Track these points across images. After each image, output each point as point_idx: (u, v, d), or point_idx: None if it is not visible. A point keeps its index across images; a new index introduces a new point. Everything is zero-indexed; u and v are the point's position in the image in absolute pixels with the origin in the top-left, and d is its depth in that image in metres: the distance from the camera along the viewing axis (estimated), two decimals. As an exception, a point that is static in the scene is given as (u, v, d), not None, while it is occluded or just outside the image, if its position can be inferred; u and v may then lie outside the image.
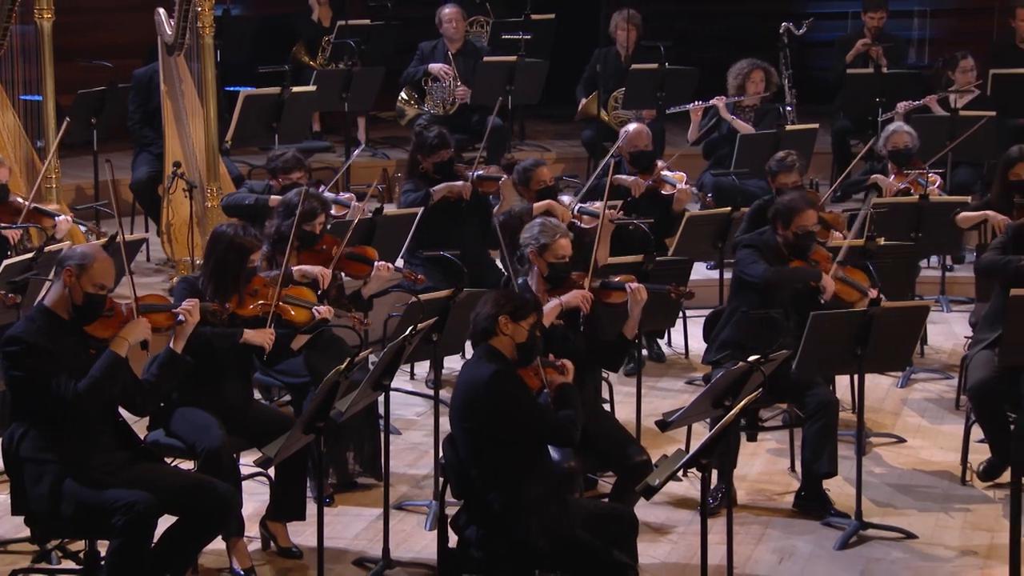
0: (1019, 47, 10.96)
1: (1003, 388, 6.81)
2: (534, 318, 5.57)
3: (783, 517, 6.72)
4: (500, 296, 5.63)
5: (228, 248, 6.18)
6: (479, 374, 5.45)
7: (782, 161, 8.01)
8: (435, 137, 8.37)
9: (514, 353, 5.54)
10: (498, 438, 5.40)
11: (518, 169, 8.04)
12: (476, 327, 5.58)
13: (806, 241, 7.00)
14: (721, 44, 12.27)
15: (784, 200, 7.12)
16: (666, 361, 8.81)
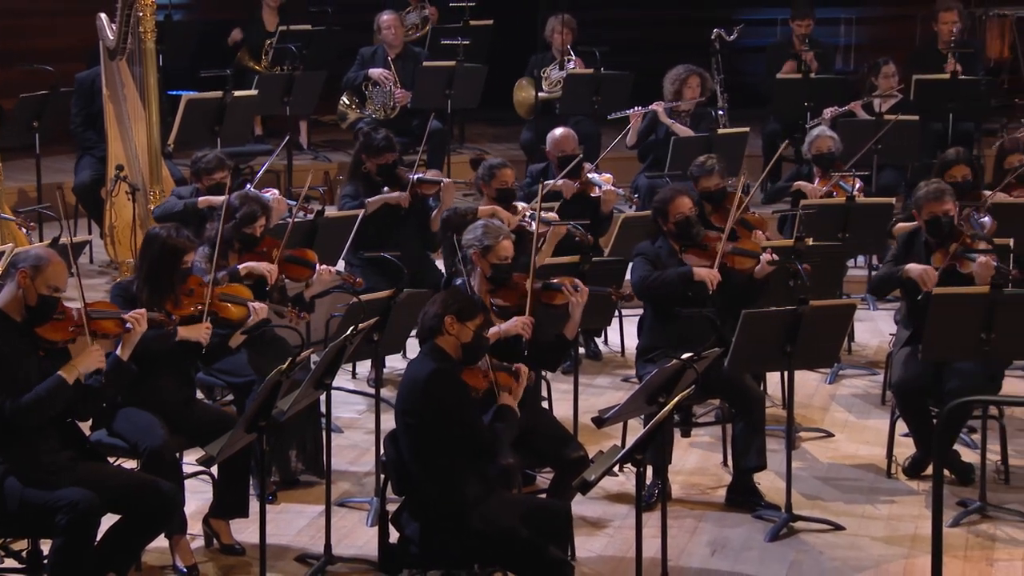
0: (941, 52, 11.09)
1: (926, 384, 6.89)
2: (481, 319, 5.57)
3: (716, 510, 6.76)
4: (448, 296, 5.62)
5: (162, 249, 6.15)
6: (420, 371, 5.45)
7: (702, 165, 8.08)
8: (382, 139, 8.37)
9: (459, 352, 5.53)
10: (437, 435, 5.40)
11: (485, 165, 8.04)
12: (423, 325, 5.57)
13: (687, 227, 7.05)
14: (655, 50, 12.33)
15: (657, 196, 7.23)
16: (602, 359, 8.85)
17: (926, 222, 7.08)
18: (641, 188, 9.91)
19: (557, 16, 11.14)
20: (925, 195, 7.07)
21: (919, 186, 7.26)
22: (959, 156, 8.10)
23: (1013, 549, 6.32)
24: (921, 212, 7.08)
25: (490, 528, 5.35)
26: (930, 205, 7.04)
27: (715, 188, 7.92)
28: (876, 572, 6.16)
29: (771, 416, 7.24)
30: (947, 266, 6.99)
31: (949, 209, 7.03)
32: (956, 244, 6.99)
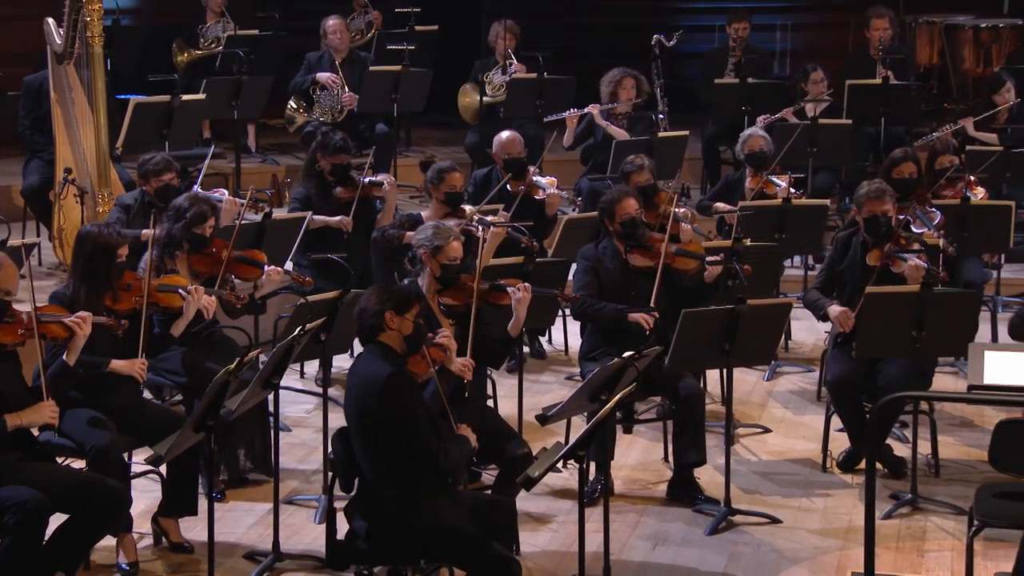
0: (872, 58, 11.20)
1: (859, 381, 6.94)
2: (417, 308, 5.56)
3: (657, 505, 6.79)
4: (382, 291, 5.58)
5: (95, 247, 6.12)
6: (376, 373, 5.40)
7: (632, 162, 8.17)
8: (339, 140, 8.39)
9: (402, 345, 5.52)
10: (391, 436, 5.38)
11: (433, 168, 8.01)
12: (363, 325, 5.53)
13: (633, 228, 7.09)
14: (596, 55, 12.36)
15: (604, 197, 7.26)
16: (547, 358, 8.86)
17: (865, 220, 7.14)
18: (583, 190, 9.93)
19: (500, 22, 11.15)
20: (867, 193, 7.14)
21: (862, 184, 7.32)
22: (906, 155, 8.22)
23: (943, 540, 6.38)
24: (861, 209, 7.15)
25: (436, 527, 5.34)
26: (871, 203, 7.10)
27: (645, 183, 7.98)
28: (812, 563, 6.21)
29: (710, 412, 7.29)
30: (881, 265, 7.06)
31: (888, 210, 7.10)
32: (891, 244, 7.06)
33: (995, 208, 8.40)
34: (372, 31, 12.00)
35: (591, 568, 5.76)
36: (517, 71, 10.95)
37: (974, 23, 12.04)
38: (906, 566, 6.15)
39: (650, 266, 7.06)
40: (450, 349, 5.90)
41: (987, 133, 10.03)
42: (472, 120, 11.34)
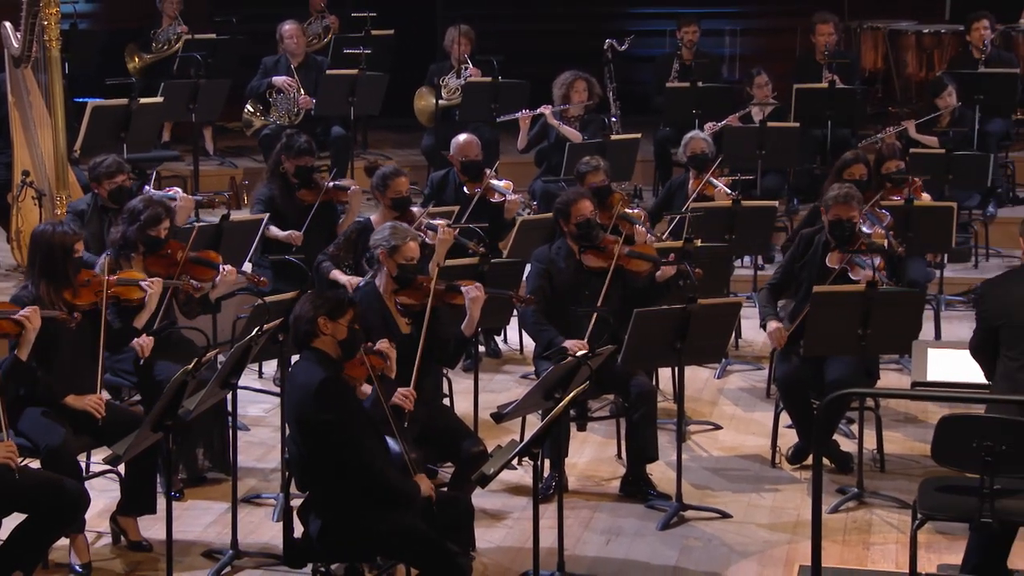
0: (819, 63, 11.27)
1: (807, 378, 6.98)
2: (351, 314, 5.51)
3: (610, 501, 6.80)
4: (315, 297, 5.53)
5: (51, 244, 6.09)
6: (309, 380, 5.35)
7: (587, 163, 8.20)
8: (304, 143, 8.39)
9: (337, 350, 5.48)
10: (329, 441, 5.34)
11: (378, 174, 7.97)
12: (297, 331, 5.48)
13: (588, 229, 7.10)
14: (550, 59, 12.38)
15: (560, 199, 7.26)
16: (502, 357, 8.86)
17: (830, 222, 7.18)
18: (537, 192, 9.96)
19: (455, 27, 11.15)
20: (835, 197, 7.18)
21: (832, 187, 7.35)
22: (857, 157, 8.31)
23: (887, 533, 6.43)
24: (828, 212, 7.19)
25: (388, 527, 5.32)
26: (838, 208, 7.14)
27: (600, 184, 8.01)
28: (761, 557, 6.24)
29: (662, 410, 7.31)
30: (840, 269, 7.11)
31: (854, 215, 7.14)
32: (852, 249, 7.11)
33: (938, 209, 8.48)
34: (328, 35, 11.96)
35: (545, 563, 5.78)
36: (472, 75, 10.95)
37: (917, 29, 12.15)
38: (852, 559, 6.20)
39: (603, 267, 7.08)
40: (390, 358, 5.88)
41: (928, 136, 10.12)
42: (428, 123, 11.33)
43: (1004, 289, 5.76)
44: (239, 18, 12.23)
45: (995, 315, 5.70)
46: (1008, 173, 10.92)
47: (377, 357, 5.81)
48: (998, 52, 11.19)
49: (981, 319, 5.81)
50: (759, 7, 14.04)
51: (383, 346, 5.88)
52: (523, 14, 14.14)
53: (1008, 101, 10.82)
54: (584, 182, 8.08)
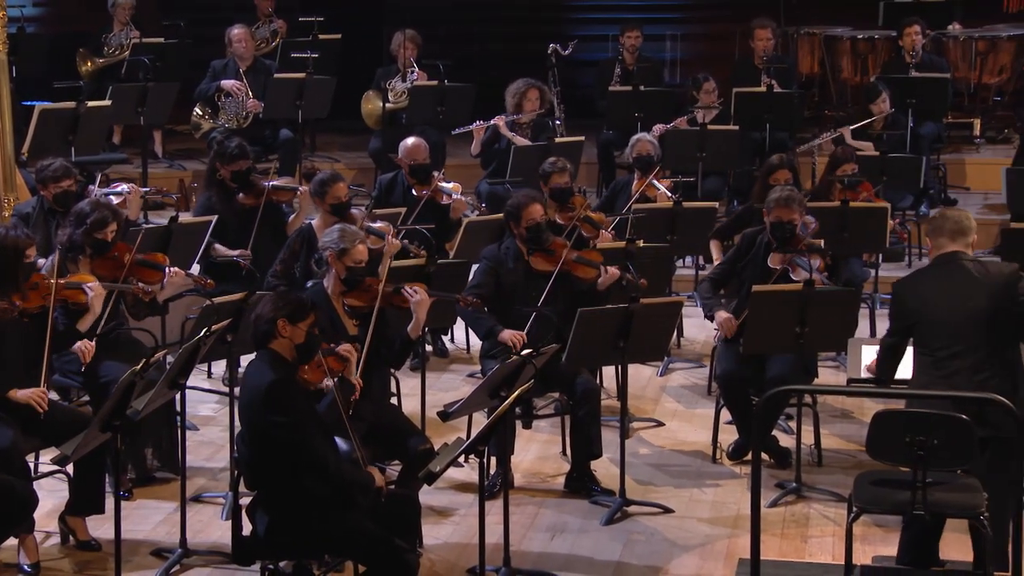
0: (757, 67, 11.35)
1: (747, 375, 7.02)
2: (311, 319, 5.49)
3: (555, 497, 6.80)
4: (277, 299, 5.50)
5: (3, 247, 6.02)
6: (260, 382, 5.32)
7: (554, 164, 8.20)
8: (235, 147, 8.29)
9: (293, 353, 5.44)
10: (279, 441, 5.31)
11: (315, 181, 7.90)
12: (256, 331, 5.44)
13: (537, 233, 7.11)
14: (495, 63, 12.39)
15: (511, 201, 7.25)
16: (449, 356, 8.84)
17: (771, 224, 7.22)
18: (483, 194, 9.96)
19: (402, 31, 11.13)
20: (776, 200, 7.21)
21: (774, 190, 7.39)
22: (781, 161, 8.33)
23: (825, 526, 6.47)
24: (770, 214, 7.23)
25: (335, 525, 5.29)
26: (779, 210, 7.18)
27: (564, 186, 8.01)
28: (702, 551, 6.26)
29: (606, 407, 7.33)
30: (781, 269, 7.15)
31: (794, 218, 7.17)
32: (792, 251, 7.16)
33: (872, 210, 8.55)
34: (277, 39, 11.90)
35: (491, 559, 5.78)
36: (418, 79, 10.93)
37: (851, 35, 12.25)
38: (790, 551, 6.23)
39: (550, 270, 7.08)
40: (349, 361, 5.84)
41: (863, 142, 10.21)
42: (375, 126, 11.29)
43: (914, 288, 5.82)
44: (187, 22, 12.15)
45: (908, 314, 5.75)
46: (940, 175, 11.04)
47: (335, 359, 5.76)
48: (930, 57, 11.31)
49: (896, 318, 5.85)
50: (699, 13, 14.12)
51: (344, 349, 5.82)
52: (468, 19, 14.13)
53: (940, 105, 10.95)
54: (549, 182, 8.08)
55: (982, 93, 12.12)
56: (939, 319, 5.66)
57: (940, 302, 5.68)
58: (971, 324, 5.63)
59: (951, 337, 5.64)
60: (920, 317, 5.71)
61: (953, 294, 5.68)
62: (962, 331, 5.63)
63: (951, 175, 11.32)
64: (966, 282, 5.69)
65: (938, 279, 5.75)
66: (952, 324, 5.64)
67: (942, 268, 5.77)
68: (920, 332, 5.72)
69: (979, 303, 5.65)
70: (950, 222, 5.82)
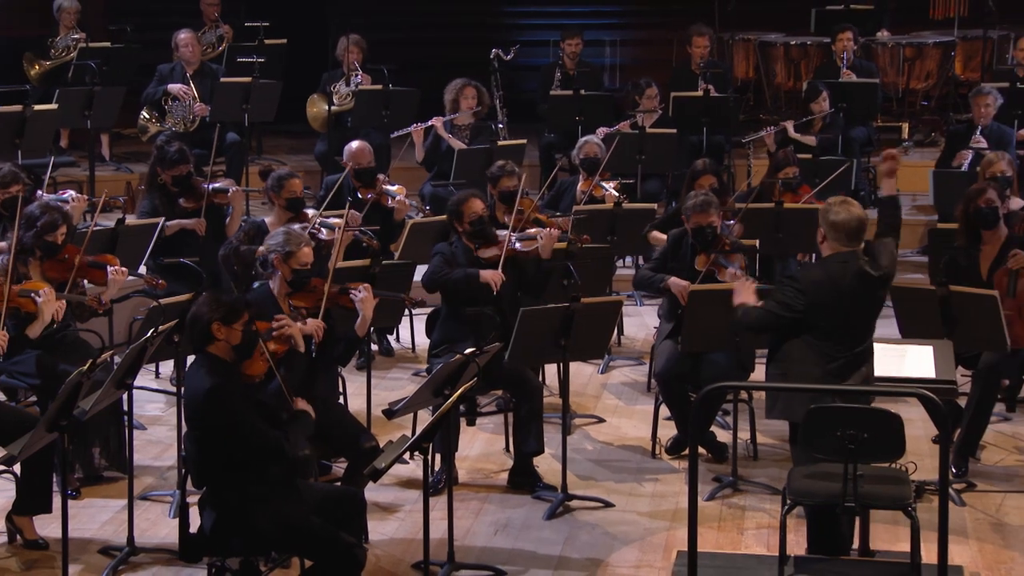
0: (694, 72, 11.41)
1: (685, 372, 7.06)
2: (246, 317, 5.42)
3: (499, 493, 6.80)
4: (210, 301, 5.41)
5: None
6: (198, 387, 5.26)
7: (503, 167, 8.18)
8: (175, 152, 8.24)
9: (232, 354, 5.38)
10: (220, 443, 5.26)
11: (272, 176, 7.86)
12: (193, 336, 5.38)
13: (481, 226, 7.10)
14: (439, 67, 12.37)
15: (452, 199, 7.24)
16: (394, 355, 8.82)
17: (692, 230, 7.25)
18: (426, 196, 9.95)
19: (347, 36, 11.09)
20: (693, 206, 7.24)
21: (689, 196, 7.41)
22: (706, 167, 8.28)
23: (760, 519, 6.52)
24: (689, 220, 7.26)
25: (279, 522, 5.26)
26: (696, 216, 7.21)
27: (512, 189, 8.02)
28: (642, 544, 6.29)
29: (548, 404, 7.33)
30: (706, 271, 7.19)
31: (713, 220, 7.20)
32: (716, 252, 7.20)
33: (805, 211, 8.61)
34: (223, 44, 11.82)
35: (436, 554, 5.77)
36: (362, 82, 10.90)
37: (785, 41, 12.36)
38: (727, 543, 6.27)
39: (497, 255, 7.08)
40: (294, 336, 5.79)
41: (807, 136, 10.31)
42: (321, 129, 11.25)
43: (814, 281, 5.82)
44: (134, 27, 12.05)
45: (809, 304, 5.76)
46: (870, 177, 11.15)
47: (278, 342, 5.71)
48: (860, 62, 11.43)
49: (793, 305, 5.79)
50: (638, 19, 14.18)
51: (284, 329, 5.73)
52: (412, 23, 14.12)
53: (870, 109, 11.08)
54: (498, 185, 8.08)
55: (910, 98, 12.27)
56: (840, 314, 5.74)
57: (843, 298, 5.75)
58: (865, 318, 5.81)
59: (847, 331, 5.74)
60: (823, 309, 5.75)
61: (852, 291, 5.75)
62: (858, 326, 5.77)
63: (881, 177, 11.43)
64: (864, 279, 5.78)
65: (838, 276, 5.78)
66: (852, 319, 5.76)
67: (844, 265, 5.80)
68: (818, 323, 5.76)
69: (869, 299, 5.80)
70: (853, 221, 5.84)
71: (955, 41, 12.10)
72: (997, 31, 12.20)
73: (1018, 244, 7.08)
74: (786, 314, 5.81)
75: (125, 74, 11.18)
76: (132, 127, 11.35)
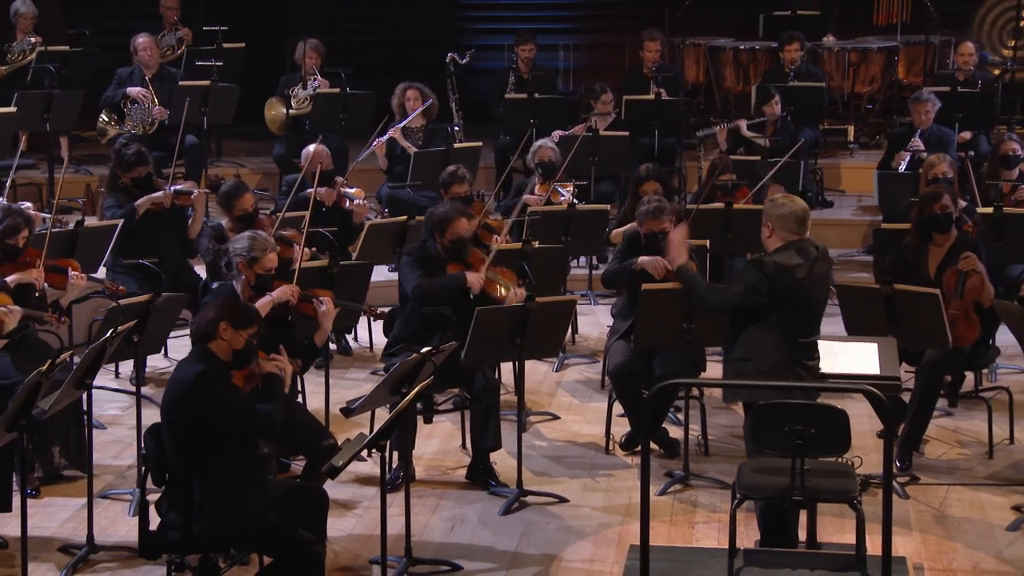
0: (646, 76, 11.45)
1: (638, 370, 7.07)
2: (254, 329, 5.41)
3: (455, 489, 6.80)
4: (226, 303, 5.47)
5: None
6: (187, 374, 5.27)
7: (453, 174, 8.18)
8: (133, 154, 8.21)
9: (230, 357, 5.37)
10: (197, 433, 5.25)
11: (221, 193, 7.80)
12: (198, 329, 5.39)
13: (460, 246, 7.09)
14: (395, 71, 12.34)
15: (439, 211, 7.16)
16: (352, 354, 8.79)
17: (645, 235, 7.26)
18: (384, 198, 9.94)
19: (305, 40, 11.05)
20: (646, 212, 7.25)
21: (642, 202, 7.40)
22: (649, 173, 8.25)
23: (711, 513, 6.55)
24: (642, 226, 7.27)
25: (240, 519, 5.24)
26: (649, 222, 7.23)
27: (464, 195, 8.01)
28: (596, 538, 6.30)
29: (504, 402, 7.33)
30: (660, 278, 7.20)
31: (666, 227, 7.20)
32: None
33: (755, 212, 8.65)
34: (182, 48, 11.75)
35: (394, 549, 5.75)
36: (320, 86, 10.86)
37: (734, 45, 12.43)
38: (679, 537, 6.30)
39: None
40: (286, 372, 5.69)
41: (759, 136, 10.38)
42: (279, 132, 11.20)
43: (781, 266, 5.83)
44: (93, 30, 11.95)
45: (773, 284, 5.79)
46: (817, 178, 11.25)
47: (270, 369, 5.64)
48: (807, 67, 11.52)
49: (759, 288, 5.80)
50: (590, 24, 14.21)
51: (279, 363, 5.65)
52: (369, 28, 14.09)
53: (816, 112, 11.17)
54: (449, 191, 8.05)
55: (855, 101, 12.38)
56: (802, 298, 5.81)
57: (804, 282, 5.82)
58: (821, 304, 5.92)
59: (807, 316, 5.84)
60: (785, 293, 5.80)
61: (812, 275, 5.83)
62: (815, 311, 5.88)
63: (827, 178, 11.54)
64: (821, 268, 5.87)
65: (798, 261, 5.83)
66: (811, 303, 5.86)
67: (802, 251, 5.85)
68: (780, 307, 5.80)
69: (825, 285, 5.92)
70: (797, 214, 5.89)
71: (898, 46, 12.22)
72: (938, 37, 12.34)
73: (968, 246, 7.15)
74: (752, 297, 5.84)
75: (84, 77, 11.10)
76: (91, 130, 11.26)
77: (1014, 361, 8.18)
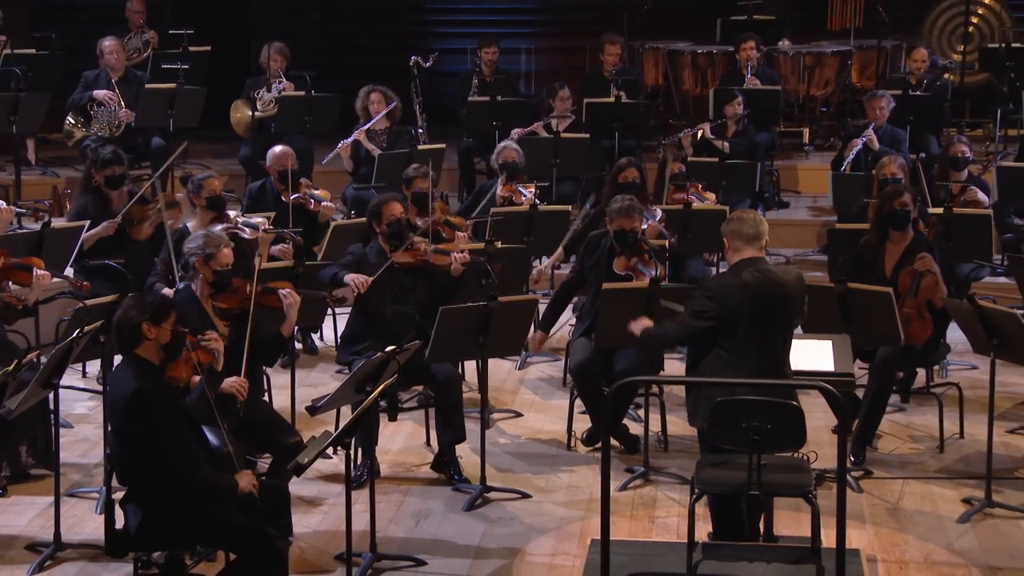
0: (606, 79, 11.48)
1: (599, 368, 7.09)
2: (174, 316, 5.36)
3: (420, 485, 6.79)
4: (137, 302, 5.35)
5: None
6: (123, 390, 5.18)
7: (417, 169, 8.21)
8: (109, 153, 8.20)
9: (160, 354, 5.31)
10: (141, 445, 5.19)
11: (193, 180, 7.81)
12: (121, 336, 5.28)
13: (398, 228, 7.08)
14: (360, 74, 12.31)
15: (372, 201, 7.24)
16: (318, 353, 8.76)
17: (615, 232, 7.27)
18: (348, 199, 9.92)
19: (270, 44, 11.01)
20: (617, 210, 7.25)
21: (614, 199, 7.40)
22: (629, 162, 8.46)
23: (670, 507, 6.57)
24: (612, 223, 7.28)
25: (204, 520, 5.20)
26: (620, 220, 7.23)
27: (425, 190, 8.01)
28: (557, 533, 6.31)
29: (467, 399, 7.33)
30: (624, 274, 7.22)
31: (636, 225, 7.21)
32: (636, 257, 7.23)
33: (712, 212, 8.71)
34: (148, 51, 11.69)
35: (359, 545, 5.75)
36: (285, 89, 10.82)
37: (692, 49, 12.48)
38: (639, 531, 6.32)
39: (411, 263, 7.07)
40: (218, 351, 5.75)
41: (720, 140, 10.42)
42: (244, 134, 11.15)
43: (724, 286, 5.69)
44: (59, 33, 11.86)
45: (720, 310, 5.60)
46: (774, 180, 11.31)
47: (204, 352, 5.66)
48: (763, 70, 11.58)
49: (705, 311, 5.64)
50: (552, 28, 14.23)
51: (211, 342, 5.69)
52: (333, 31, 14.05)
53: (772, 115, 11.24)
54: (412, 187, 8.07)
55: (810, 104, 12.46)
56: (751, 318, 5.58)
57: (752, 301, 5.59)
58: (776, 326, 5.63)
59: (759, 338, 5.60)
60: (730, 313, 5.60)
61: (761, 295, 5.61)
62: (769, 333, 5.61)
63: (784, 180, 11.61)
64: (772, 285, 5.63)
65: (747, 280, 5.63)
66: (763, 324, 5.60)
67: (751, 270, 5.67)
68: (725, 328, 5.60)
69: (780, 305, 5.63)
70: (748, 225, 5.74)
71: (851, 51, 12.30)
72: (890, 41, 12.44)
73: (924, 247, 7.20)
74: (698, 322, 5.65)
75: (50, 80, 11.01)
76: (58, 132, 11.17)
77: (964, 358, 8.25)
